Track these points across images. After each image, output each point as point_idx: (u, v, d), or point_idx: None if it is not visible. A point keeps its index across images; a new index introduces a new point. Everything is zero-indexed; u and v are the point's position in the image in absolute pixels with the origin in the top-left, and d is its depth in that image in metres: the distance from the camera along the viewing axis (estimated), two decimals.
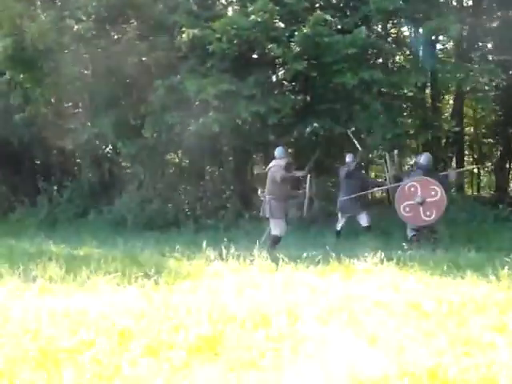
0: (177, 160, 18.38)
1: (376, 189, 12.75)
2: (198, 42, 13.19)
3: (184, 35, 13.04)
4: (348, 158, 11.71)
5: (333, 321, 5.00)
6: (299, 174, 10.93)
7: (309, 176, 10.99)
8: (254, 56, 14.09)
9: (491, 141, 21.00)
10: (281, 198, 10.26)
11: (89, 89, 15.84)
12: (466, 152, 20.54)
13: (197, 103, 13.90)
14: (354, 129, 13.31)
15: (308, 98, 14.29)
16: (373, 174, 20.88)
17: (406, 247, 9.11)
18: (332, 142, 14.34)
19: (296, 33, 12.65)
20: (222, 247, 8.21)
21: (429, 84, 16.10)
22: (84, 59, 15.13)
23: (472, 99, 17.55)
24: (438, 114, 16.79)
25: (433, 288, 6.05)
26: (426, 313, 5.19)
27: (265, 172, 11.16)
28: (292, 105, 13.29)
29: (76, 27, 14.02)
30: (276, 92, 14.10)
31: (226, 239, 9.09)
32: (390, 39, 15.83)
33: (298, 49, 12.67)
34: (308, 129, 13.10)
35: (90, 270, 7.31)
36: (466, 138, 20.11)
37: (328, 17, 12.59)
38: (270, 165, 10.54)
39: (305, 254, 7.67)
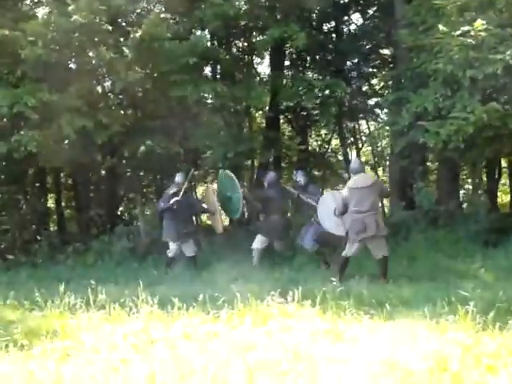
0: None
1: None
2: (7, 46, 11.03)
3: None
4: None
5: None
6: None
7: None
8: (73, 65, 12.17)
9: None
10: None
11: None
12: None
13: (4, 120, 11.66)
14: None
15: (139, 114, 12.59)
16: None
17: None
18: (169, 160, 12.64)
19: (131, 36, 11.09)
20: (89, 290, 6.41)
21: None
22: None
23: None
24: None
25: (386, 334, 4.85)
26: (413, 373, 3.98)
27: None
28: (122, 121, 11.60)
29: None
30: (101, 105, 12.24)
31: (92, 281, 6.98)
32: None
33: (130, 55, 11.02)
34: (142, 147, 11.43)
35: None
36: None
37: (168, 15, 11.18)
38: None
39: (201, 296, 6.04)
